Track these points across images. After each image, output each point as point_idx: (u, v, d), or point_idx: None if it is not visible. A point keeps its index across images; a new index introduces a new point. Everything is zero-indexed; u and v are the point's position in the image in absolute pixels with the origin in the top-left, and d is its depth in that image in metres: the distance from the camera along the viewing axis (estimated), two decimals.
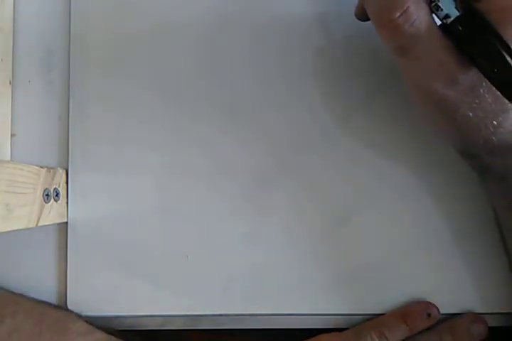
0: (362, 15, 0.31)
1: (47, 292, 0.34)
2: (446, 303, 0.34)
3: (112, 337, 0.32)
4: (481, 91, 0.26)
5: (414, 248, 0.34)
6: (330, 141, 0.35)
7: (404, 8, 0.25)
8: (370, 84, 0.35)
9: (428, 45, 0.26)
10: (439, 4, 0.26)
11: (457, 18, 0.26)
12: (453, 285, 0.34)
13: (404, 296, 0.34)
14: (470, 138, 0.28)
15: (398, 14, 0.25)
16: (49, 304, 0.34)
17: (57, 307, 0.34)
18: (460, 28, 0.26)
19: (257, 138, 0.35)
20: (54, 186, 0.33)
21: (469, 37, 0.26)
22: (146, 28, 0.36)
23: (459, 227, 0.34)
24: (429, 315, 0.33)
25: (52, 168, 0.33)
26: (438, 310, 0.33)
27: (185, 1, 0.36)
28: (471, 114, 0.27)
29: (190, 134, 0.35)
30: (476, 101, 0.27)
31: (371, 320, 0.34)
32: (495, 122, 0.27)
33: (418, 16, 0.25)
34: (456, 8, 0.26)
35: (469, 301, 0.34)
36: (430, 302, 0.34)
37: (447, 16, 0.26)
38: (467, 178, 0.34)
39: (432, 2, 0.26)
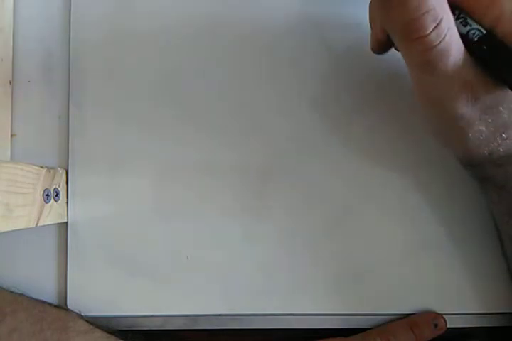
0: (379, 46, 0.29)
1: (47, 292, 0.34)
2: (446, 303, 0.34)
3: (112, 337, 0.32)
4: (500, 108, 0.26)
5: (415, 248, 0.34)
6: (330, 141, 0.35)
7: (437, 22, 0.24)
8: (371, 85, 0.35)
9: (456, 61, 0.25)
10: (468, 20, 0.25)
11: (484, 35, 0.25)
12: (453, 286, 0.34)
13: (404, 296, 0.34)
14: (477, 151, 0.28)
15: (431, 29, 0.24)
16: (49, 303, 0.34)
17: (57, 306, 0.34)
18: (485, 46, 0.25)
19: (257, 139, 0.35)
20: (54, 186, 0.33)
21: (497, 55, 0.25)
22: (145, 29, 0.36)
23: (459, 228, 0.34)
24: (435, 325, 0.33)
25: (52, 168, 0.33)
26: (445, 320, 0.34)
27: (185, 4, 0.36)
28: (484, 129, 0.27)
29: (190, 135, 0.35)
30: (493, 117, 0.27)
31: (378, 328, 0.34)
32: (504, 135, 0.27)
33: (448, 30, 0.24)
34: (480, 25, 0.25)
35: (469, 301, 0.34)
36: (438, 313, 0.34)
37: (473, 33, 0.25)
38: (468, 181, 0.34)
39: (459, 18, 0.25)
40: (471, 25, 0.25)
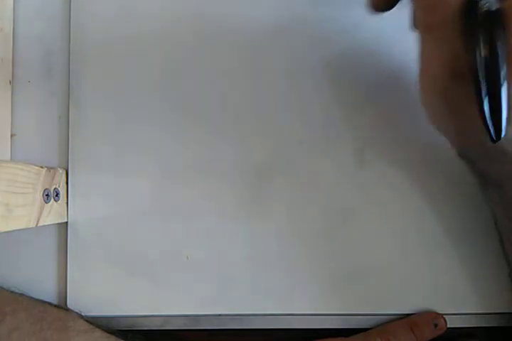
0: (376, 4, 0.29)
1: (47, 292, 0.35)
2: (446, 303, 0.34)
3: (112, 337, 0.32)
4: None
5: (415, 248, 0.34)
6: (330, 141, 0.35)
7: None
8: (371, 85, 0.35)
9: (452, 31, 0.25)
10: None
11: (495, 11, 0.24)
12: (453, 286, 0.34)
13: (404, 296, 0.34)
14: (468, 138, 0.28)
15: None
16: (49, 303, 0.34)
17: (57, 306, 0.34)
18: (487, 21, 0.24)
19: (257, 139, 0.35)
20: (54, 186, 0.33)
21: (485, 36, 0.24)
22: (145, 28, 0.36)
23: (460, 228, 0.34)
24: (435, 325, 0.33)
25: (52, 168, 0.33)
26: (445, 320, 0.34)
27: (185, 3, 0.36)
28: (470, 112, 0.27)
29: (189, 135, 0.35)
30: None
31: (378, 328, 0.34)
32: None
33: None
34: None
35: (469, 301, 0.34)
36: (438, 313, 0.34)
37: (484, 2, 0.24)
38: (468, 180, 0.34)
39: None
40: None
